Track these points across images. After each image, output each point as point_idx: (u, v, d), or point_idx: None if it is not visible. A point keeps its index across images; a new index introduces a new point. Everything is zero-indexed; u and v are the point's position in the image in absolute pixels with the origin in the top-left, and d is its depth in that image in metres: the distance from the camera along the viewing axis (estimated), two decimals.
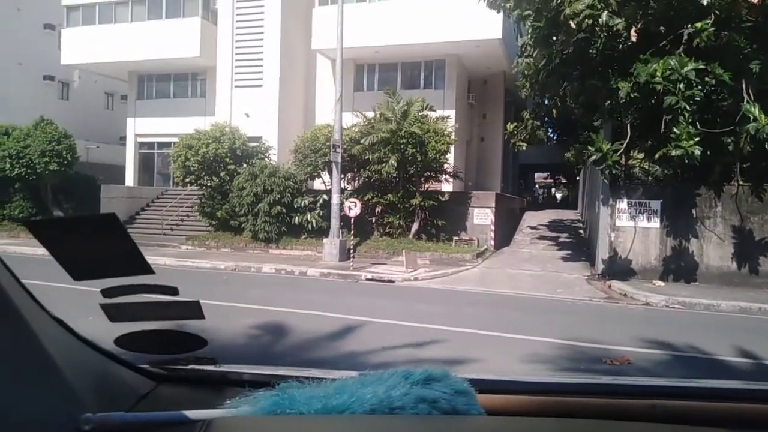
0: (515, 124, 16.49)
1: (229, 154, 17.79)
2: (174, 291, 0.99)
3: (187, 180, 18.21)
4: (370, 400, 0.90)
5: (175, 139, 19.03)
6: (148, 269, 0.85)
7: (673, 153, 9.52)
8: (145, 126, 24.29)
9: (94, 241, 0.82)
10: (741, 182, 11.57)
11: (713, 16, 9.34)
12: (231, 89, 21.90)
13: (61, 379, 0.83)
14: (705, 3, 9.11)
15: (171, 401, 1.04)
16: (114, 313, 0.99)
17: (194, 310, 1.02)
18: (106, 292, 0.96)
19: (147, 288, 0.96)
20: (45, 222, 0.81)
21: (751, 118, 9.13)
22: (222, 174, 17.87)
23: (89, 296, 1.03)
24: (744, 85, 9.65)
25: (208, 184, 18.25)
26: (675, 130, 9.51)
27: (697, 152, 9.33)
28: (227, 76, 21.89)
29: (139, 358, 1.10)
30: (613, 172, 10.80)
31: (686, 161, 9.59)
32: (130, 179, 24.67)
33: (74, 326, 0.97)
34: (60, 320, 0.94)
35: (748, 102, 9.48)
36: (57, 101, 27.99)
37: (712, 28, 9.20)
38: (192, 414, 0.90)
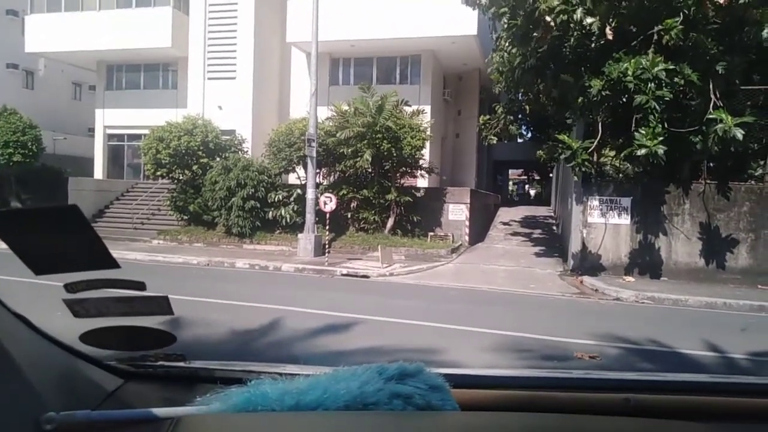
0: (487, 117, 16.58)
1: (201, 147, 17.53)
2: (141, 286, 0.96)
3: (159, 173, 17.88)
4: (344, 396, 0.88)
5: (146, 132, 18.64)
6: (113, 263, 0.82)
7: (638, 152, 9.75)
8: (115, 117, 23.74)
9: (55, 233, 0.79)
10: (708, 180, 11.89)
11: (682, 15, 9.56)
12: (203, 81, 21.55)
13: (22, 377, 0.80)
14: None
15: (139, 399, 1.01)
16: (78, 309, 0.95)
17: (162, 305, 0.99)
18: (70, 287, 0.93)
19: (113, 282, 0.93)
20: (2, 214, 0.77)
21: (719, 119, 9.38)
22: (194, 167, 17.60)
23: (56, 291, 1.00)
24: (711, 86, 9.91)
25: (180, 177, 17.95)
26: (641, 129, 9.72)
27: (661, 151, 9.55)
28: (199, 67, 21.54)
29: (106, 354, 1.06)
30: (583, 169, 10.99)
31: (651, 160, 9.82)
32: (98, 172, 24.10)
33: (40, 323, 0.93)
34: (21, 316, 0.90)
35: (714, 104, 9.74)
36: (21, 90, 27.12)
37: (681, 26, 9.41)
38: (160, 411, 0.88)
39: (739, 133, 9.15)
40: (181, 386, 1.10)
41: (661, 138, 9.56)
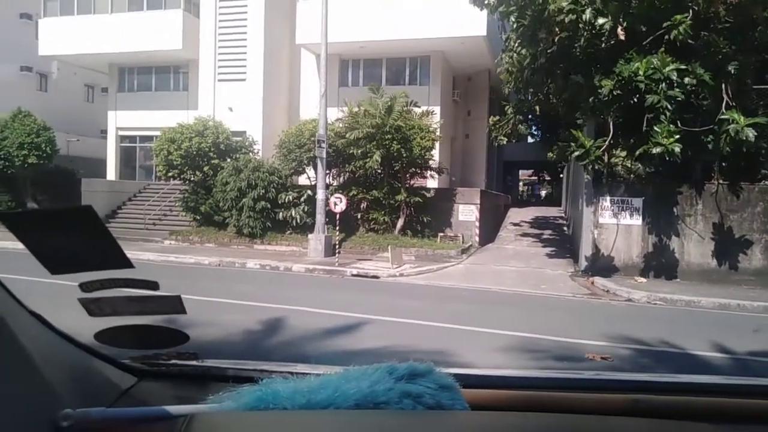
0: (497, 118, 16.53)
1: (212, 149, 17.63)
2: (154, 285, 0.97)
3: (170, 174, 18.01)
4: (354, 395, 0.89)
5: (157, 133, 18.80)
6: (126, 263, 0.84)
7: (654, 150, 9.66)
8: (127, 119, 23.95)
9: (70, 234, 0.80)
10: (721, 181, 11.76)
11: (691, 12, 9.47)
12: (214, 83, 21.68)
13: (39, 375, 0.81)
14: None
15: (153, 396, 1.03)
16: (93, 308, 0.97)
17: (175, 304, 1.00)
18: (85, 287, 0.94)
19: (126, 282, 0.94)
20: (20, 214, 0.79)
21: (731, 120, 9.29)
22: (205, 168, 17.70)
23: (71, 290, 1.01)
24: (723, 86, 9.81)
25: (192, 178, 18.06)
26: (656, 128, 9.64)
27: (677, 150, 9.47)
28: (210, 69, 21.67)
29: (121, 353, 1.08)
30: (596, 167, 10.92)
31: (667, 158, 9.74)
32: (111, 173, 24.32)
33: (56, 321, 0.95)
34: (38, 315, 0.92)
35: (727, 104, 9.64)
36: (35, 93, 27.42)
37: (690, 22, 9.32)
38: (173, 409, 0.89)
39: (751, 134, 9.06)
40: (194, 385, 1.12)
41: (677, 136, 9.48)
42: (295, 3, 20.71)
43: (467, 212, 17.18)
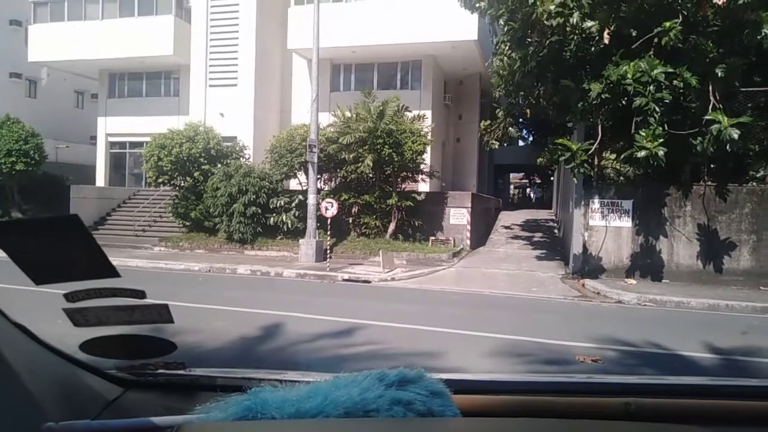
0: (488, 121, 16.62)
1: (203, 154, 17.56)
2: (141, 294, 0.96)
3: (160, 180, 17.91)
4: (344, 403, 0.88)
5: (148, 139, 18.69)
6: (113, 272, 0.83)
7: (639, 154, 9.74)
8: (117, 125, 23.81)
9: (56, 243, 0.79)
10: (709, 183, 11.87)
11: (681, 17, 9.57)
12: (205, 88, 21.62)
13: (22, 387, 0.80)
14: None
15: (139, 407, 1.01)
16: (78, 318, 0.96)
17: (162, 313, 0.99)
18: (70, 296, 0.93)
19: (112, 291, 0.93)
20: (3, 224, 0.77)
21: (715, 120, 9.38)
22: (196, 174, 17.62)
23: (56, 300, 1.00)
24: (711, 89, 9.90)
25: (182, 184, 17.98)
26: (641, 131, 9.71)
27: (661, 153, 9.53)
28: (201, 74, 21.61)
29: (106, 363, 1.06)
30: (581, 171, 10.99)
31: (651, 162, 9.81)
32: (100, 179, 24.15)
33: (39, 331, 0.93)
34: (20, 325, 0.91)
35: (714, 106, 9.74)
36: (24, 99, 27.20)
37: (680, 28, 9.42)
38: (160, 420, 0.88)
39: (735, 134, 9.13)
40: (182, 394, 1.10)
41: (661, 140, 9.55)
42: (286, 8, 20.72)
43: (458, 216, 17.23)
